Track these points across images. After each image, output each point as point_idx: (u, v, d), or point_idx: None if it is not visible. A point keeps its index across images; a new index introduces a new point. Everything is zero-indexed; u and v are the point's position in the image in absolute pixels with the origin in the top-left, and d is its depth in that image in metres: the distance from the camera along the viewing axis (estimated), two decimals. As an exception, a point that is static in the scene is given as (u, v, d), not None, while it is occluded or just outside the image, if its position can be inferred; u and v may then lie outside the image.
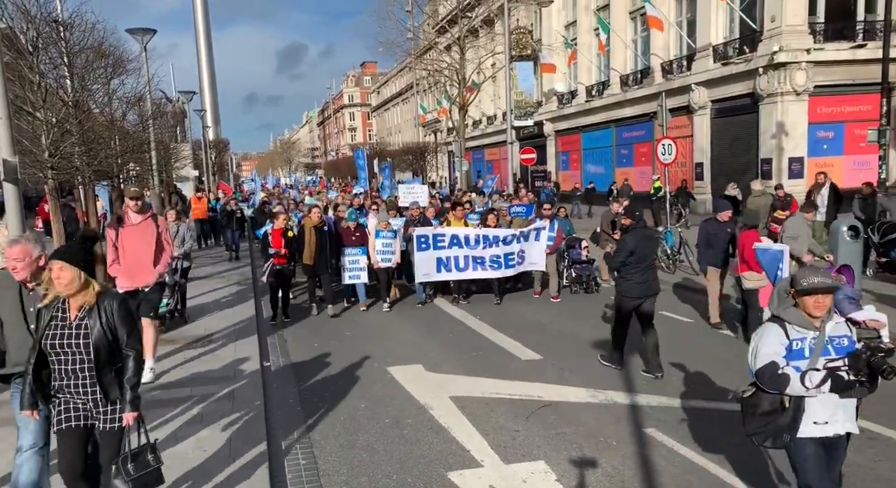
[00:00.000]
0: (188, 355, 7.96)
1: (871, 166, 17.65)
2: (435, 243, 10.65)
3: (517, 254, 10.86)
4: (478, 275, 10.93)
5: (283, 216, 10.24)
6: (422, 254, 10.58)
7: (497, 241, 10.78)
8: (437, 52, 39.83)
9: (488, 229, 11.03)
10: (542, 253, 10.96)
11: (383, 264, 10.61)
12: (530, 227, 10.98)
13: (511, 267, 10.89)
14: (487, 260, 10.78)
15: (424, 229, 10.88)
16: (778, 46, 19.89)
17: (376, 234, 10.60)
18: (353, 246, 10.57)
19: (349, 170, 72.67)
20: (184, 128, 38.40)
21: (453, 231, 10.89)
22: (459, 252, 10.71)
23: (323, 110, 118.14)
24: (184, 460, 4.97)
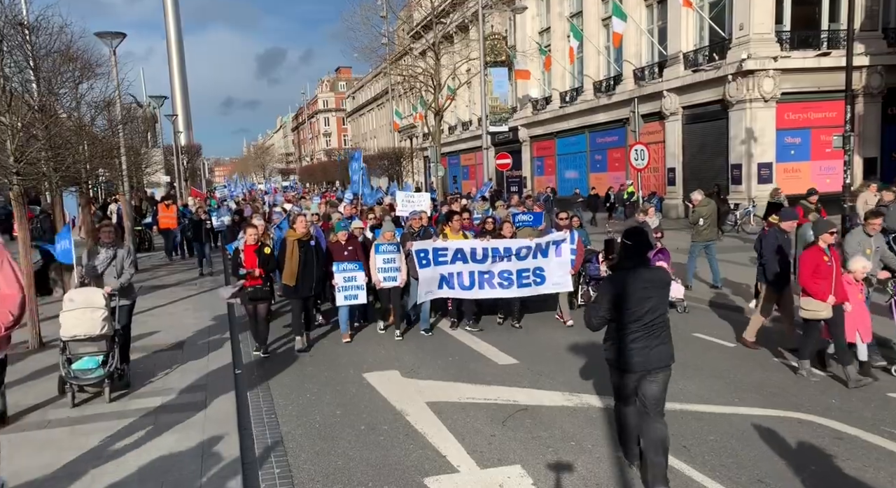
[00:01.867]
0: (158, 363, 7.82)
1: (837, 171, 18.11)
2: (436, 259, 9.15)
3: (533, 272, 9.32)
4: (486, 294, 9.39)
5: (255, 228, 8.46)
6: (423, 272, 9.08)
7: (508, 255, 9.30)
8: (412, 58, 39.87)
9: (498, 240, 9.48)
10: (566, 270, 9.42)
11: (387, 284, 9.09)
12: (547, 239, 9.46)
13: (525, 285, 9.31)
14: (496, 276, 9.27)
15: (424, 243, 9.30)
16: (746, 54, 20.33)
17: (376, 249, 9.07)
18: (347, 261, 8.99)
19: (324, 175, 72.42)
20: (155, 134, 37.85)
21: (457, 244, 9.32)
22: (464, 268, 9.22)
23: (297, 115, 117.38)
24: (154, 470, 4.88)
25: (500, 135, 38.01)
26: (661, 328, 4.53)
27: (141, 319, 10.38)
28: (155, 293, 12.91)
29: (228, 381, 7.04)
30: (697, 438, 5.45)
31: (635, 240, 4.57)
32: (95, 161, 12.62)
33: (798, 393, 6.46)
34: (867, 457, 5.01)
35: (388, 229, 9.35)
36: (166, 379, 7.21)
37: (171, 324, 9.95)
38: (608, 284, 4.69)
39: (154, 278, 14.81)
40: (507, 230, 9.80)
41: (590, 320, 4.64)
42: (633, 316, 4.45)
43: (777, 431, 5.51)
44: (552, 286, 9.43)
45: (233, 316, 10.70)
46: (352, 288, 8.93)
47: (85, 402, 6.50)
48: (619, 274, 4.62)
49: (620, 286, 4.50)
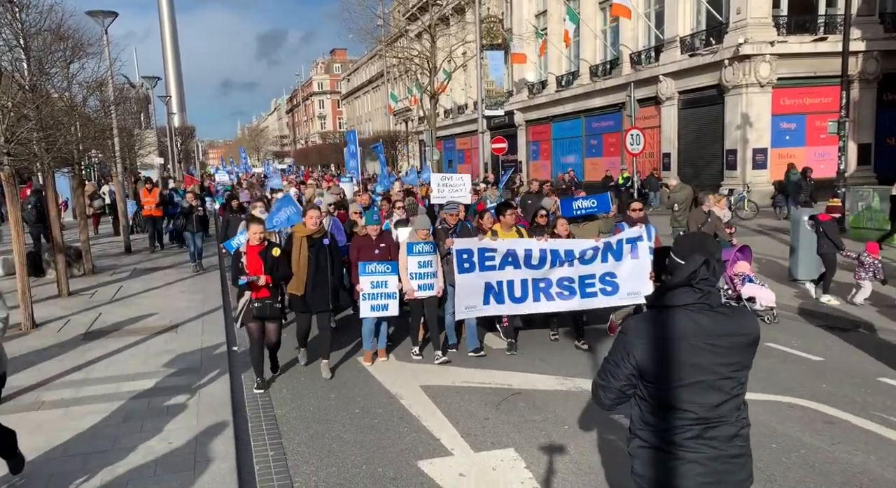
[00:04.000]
0: (153, 346, 7.82)
1: (832, 157, 18.12)
2: (482, 262, 7.26)
3: (601, 278, 7.49)
4: (541, 307, 7.49)
5: (259, 225, 6.55)
6: (464, 279, 7.19)
7: (570, 258, 7.44)
8: (407, 40, 39.55)
9: (558, 241, 7.59)
10: (645, 276, 7.38)
11: (422, 293, 7.24)
12: (620, 237, 7.58)
13: (591, 295, 7.49)
14: (555, 284, 7.45)
15: (467, 241, 7.32)
16: (743, 39, 20.22)
17: (408, 249, 7.23)
18: (377, 260, 7.14)
19: (319, 158, 72.09)
20: (148, 115, 37.52)
21: (508, 244, 7.39)
22: (516, 274, 7.35)
23: (292, 98, 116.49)
24: (149, 452, 4.89)
25: (496, 119, 37.84)
26: (736, 421, 2.51)
27: (135, 301, 10.40)
28: (149, 275, 12.87)
29: (223, 364, 7.04)
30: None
31: (695, 258, 2.49)
32: (88, 142, 12.54)
33: (789, 377, 6.52)
34: (857, 441, 5.07)
35: (422, 225, 7.38)
36: (160, 361, 7.20)
37: (165, 307, 9.93)
38: (637, 330, 2.54)
39: (147, 260, 14.76)
40: (563, 228, 7.80)
41: (597, 392, 2.67)
42: (683, 397, 2.45)
43: (767, 415, 5.55)
44: (627, 296, 7.48)
45: (227, 298, 10.67)
46: (381, 296, 7.04)
47: (78, 384, 6.50)
48: (659, 313, 2.52)
49: (661, 338, 2.46)
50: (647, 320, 2.56)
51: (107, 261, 14.62)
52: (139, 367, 7.00)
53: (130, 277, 12.70)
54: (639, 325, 2.57)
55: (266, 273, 6.24)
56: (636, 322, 2.60)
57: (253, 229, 6.43)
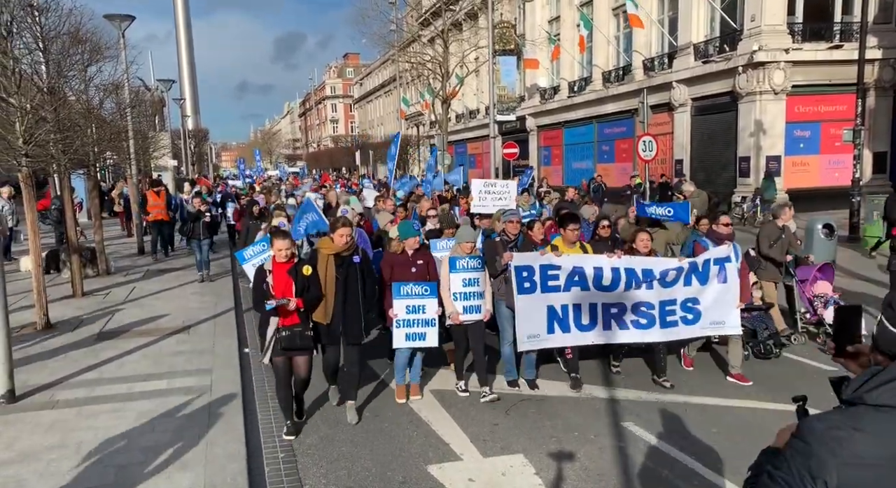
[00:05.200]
0: (165, 346, 7.88)
1: (846, 166, 17.97)
2: (544, 281, 6.21)
3: (682, 305, 6.43)
4: (613, 337, 6.44)
5: (286, 240, 5.50)
6: (525, 301, 6.17)
7: (649, 279, 6.35)
8: (420, 45, 39.69)
9: (634, 258, 6.46)
10: (733, 304, 6.48)
11: (467, 316, 6.20)
12: (705, 256, 6.52)
13: (671, 325, 6.42)
14: (630, 310, 6.38)
15: (527, 257, 6.25)
16: (757, 46, 20.12)
17: (451, 265, 6.24)
18: (415, 280, 6.11)
19: (330, 161, 72.37)
20: (162, 117, 37.88)
21: (574, 260, 6.33)
22: (584, 297, 6.30)
23: (304, 101, 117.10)
24: (160, 452, 4.93)
25: (508, 124, 37.84)
26: None
27: (147, 303, 10.48)
28: (162, 276, 12.97)
29: (234, 365, 7.09)
30: (700, 430, 5.46)
31: None
32: (103, 144, 12.66)
33: (804, 387, 6.42)
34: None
35: (466, 237, 6.33)
36: (173, 362, 7.26)
37: (177, 308, 10.00)
38: (831, 442, 1.58)
39: (161, 261, 14.86)
40: (643, 243, 6.58)
41: None
42: None
43: (778, 423, 5.47)
44: (710, 326, 6.49)
45: (239, 299, 10.74)
46: (418, 323, 6.01)
47: (92, 383, 6.57)
48: (868, 416, 1.58)
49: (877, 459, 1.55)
50: (847, 426, 1.58)
51: (121, 261, 14.76)
52: (151, 368, 7.06)
53: (144, 278, 12.81)
54: (833, 434, 1.58)
55: (297, 295, 5.28)
56: (826, 425, 1.62)
57: (279, 244, 5.39)
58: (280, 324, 5.30)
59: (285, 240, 5.45)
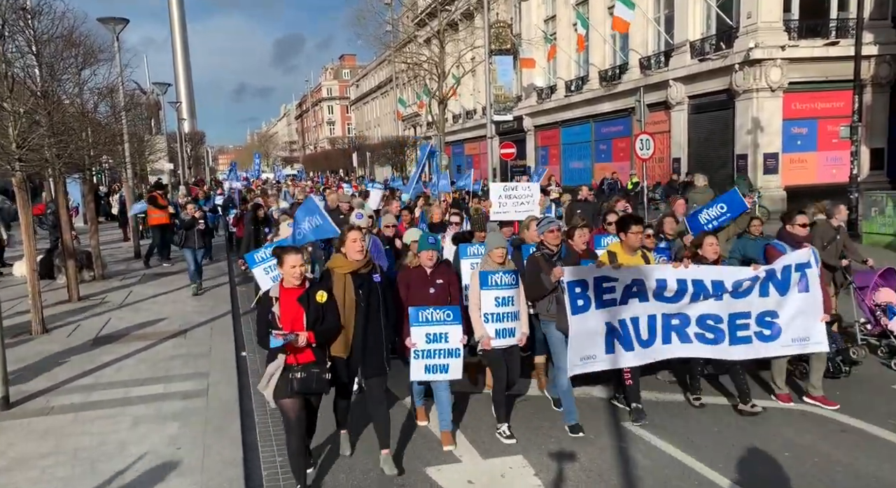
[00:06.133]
0: (162, 351, 7.82)
1: (844, 162, 17.96)
2: (599, 296, 5.41)
3: (757, 319, 5.67)
4: (673, 351, 5.67)
5: (297, 255, 4.48)
6: (580, 321, 5.34)
7: (719, 291, 5.60)
8: (416, 46, 39.65)
9: (702, 268, 5.68)
10: (817, 317, 5.71)
11: (501, 341, 5.40)
12: (784, 262, 5.70)
13: (743, 341, 5.66)
14: (694, 323, 5.64)
15: (580, 271, 5.41)
16: (754, 43, 20.11)
17: (482, 281, 5.39)
18: (433, 304, 5.21)
19: (327, 163, 72.32)
20: (158, 121, 37.81)
21: (633, 273, 5.53)
22: (642, 309, 5.57)
23: (301, 103, 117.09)
24: (157, 457, 4.88)
25: (505, 124, 37.82)
26: None
27: (144, 307, 10.43)
28: (158, 280, 12.92)
29: (231, 370, 7.03)
30: (702, 430, 5.42)
31: None
32: (98, 147, 12.58)
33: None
34: (871, 450, 4.98)
35: (497, 241, 5.51)
36: (169, 366, 7.21)
37: (174, 312, 9.95)
38: None
39: (156, 265, 14.79)
40: (712, 248, 5.89)
41: None
42: None
43: (780, 423, 5.48)
44: (791, 344, 5.69)
45: (236, 304, 10.68)
46: (440, 353, 5.12)
47: (88, 389, 6.51)
48: None
49: None
50: None
51: (117, 266, 14.69)
52: (148, 372, 7.00)
53: (140, 282, 12.75)
54: None
55: (309, 327, 4.33)
56: None
57: (290, 261, 4.37)
58: (289, 361, 4.31)
59: (297, 256, 4.42)
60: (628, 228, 5.73)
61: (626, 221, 5.90)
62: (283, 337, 4.17)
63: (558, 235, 5.71)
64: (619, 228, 5.92)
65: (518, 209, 7.94)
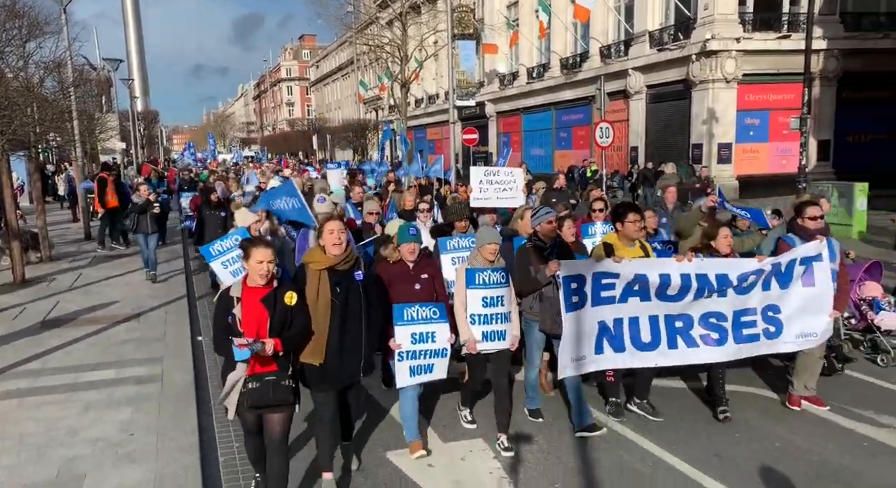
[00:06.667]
0: (114, 335, 7.61)
1: (793, 153, 18.55)
2: (596, 293, 5.03)
3: (763, 315, 5.34)
4: (680, 357, 5.26)
5: (266, 249, 3.83)
6: (574, 319, 4.96)
7: (724, 286, 5.21)
8: (378, 28, 39.15)
9: (706, 261, 5.23)
10: (824, 312, 5.37)
11: (488, 345, 4.93)
12: (791, 256, 5.33)
13: (750, 339, 5.31)
14: (697, 323, 5.25)
15: (577, 265, 5.09)
16: (710, 34, 20.51)
17: (469, 279, 4.91)
18: (418, 301, 4.77)
19: (286, 145, 71.06)
20: (109, 98, 36.47)
21: (636, 267, 5.09)
22: (642, 309, 5.17)
23: (259, 84, 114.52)
24: (109, 444, 4.76)
25: (467, 109, 37.76)
26: None
27: (95, 290, 10.12)
28: (110, 263, 12.54)
29: (187, 354, 6.89)
30: (661, 412, 5.55)
31: None
32: (45, 124, 12.08)
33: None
34: (816, 429, 5.20)
35: (490, 237, 4.99)
36: (121, 350, 7.02)
37: (127, 295, 9.68)
38: None
39: (106, 248, 14.33)
40: (726, 240, 5.44)
41: None
42: None
43: (735, 405, 5.55)
44: (795, 340, 5.36)
45: (192, 287, 10.44)
46: (426, 354, 4.72)
47: (34, 373, 6.29)
48: None
49: None
50: None
51: (66, 247, 14.18)
52: (99, 357, 6.81)
53: (91, 265, 12.35)
54: None
55: (274, 334, 3.77)
56: None
57: (258, 255, 3.78)
58: (249, 371, 3.76)
59: (267, 251, 3.80)
60: (625, 217, 5.28)
61: (622, 210, 5.42)
62: (248, 346, 3.59)
63: (554, 227, 5.34)
64: (615, 217, 5.45)
65: (500, 195, 7.50)
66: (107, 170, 15.68)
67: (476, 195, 7.62)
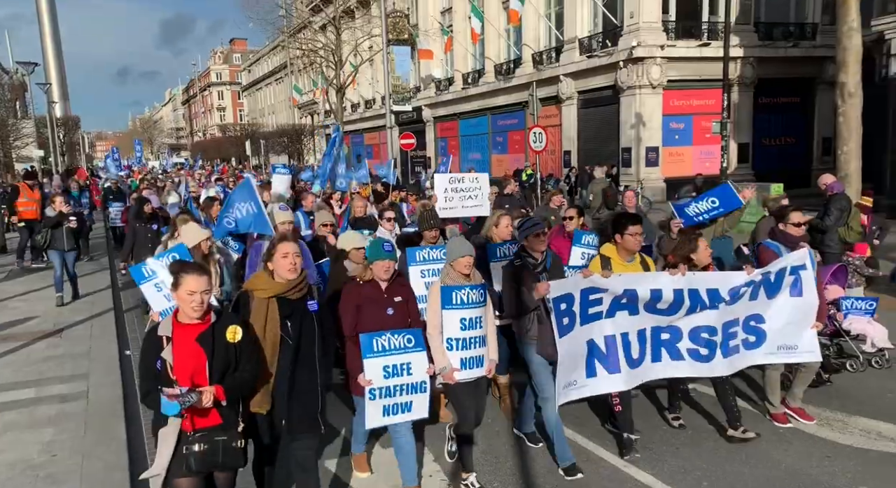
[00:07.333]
0: (34, 352, 7.22)
1: (715, 156, 19.48)
2: (584, 309, 4.59)
3: (744, 325, 4.97)
4: (662, 371, 4.89)
5: (198, 275, 3.22)
6: (567, 342, 4.52)
7: (716, 302, 4.87)
8: (311, 32, 38.66)
9: (697, 275, 4.87)
10: (807, 324, 5.02)
11: (466, 373, 4.33)
12: (780, 264, 5.00)
13: (733, 352, 4.93)
14: (686, 337, 4.88)
15: (565, 284, 4.58)
16: (636, 42, 21.31)
17: (445, 298, 4.29)
18: (391, 328, 4.13)
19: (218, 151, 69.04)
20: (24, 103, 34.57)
21: (626, 282, 4.66)
22: (632, 323, 4.77)
23: (188, 88, 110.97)
24: (28, 466, 4.53)
25: (404, 114, 37.82)
26: None
27: (11, 305, 9.59)
28: (28, 277, 11.87)
29: (114, 370, 6.62)
30: (595, 409, 5.70)
31: None
32: (-48, 131, 11.34)
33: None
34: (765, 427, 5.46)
35: (463, 249, 4.35)
36: (41, 368, 6.67)
37: (48, 310, 9.20)
38: None
39: (26, 262, 13.55)
40: (705, 253, 5.07)
41: None
42: None
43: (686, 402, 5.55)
44: (777, 351, 5.00)
45: (119, 300, 10.02)
46: (403, 389, 4.09)
47: (-55, 398, 5.90)
48: None
49: None
50: None
51: (-22, 262, 13.35)
52: (16, 376, 6.45)
53: (6, 279, 11.68)
54: None
55: (215, 379, 3.18)
56: None
57: (189, 284, 3.17)
58: (185, 426, 3.16)
59: (202, 279, 3.20)
60: (624, 229, 4.74)
61: (621, 220, 4.85)
62: (179, 398, 2.97)
63: (544, 240, 4.77)
64: (614, 229, 4.88)
65: (465, 203, 6.94)
66: (29, 179, 14.52)
67: (442, 204, 6.92)
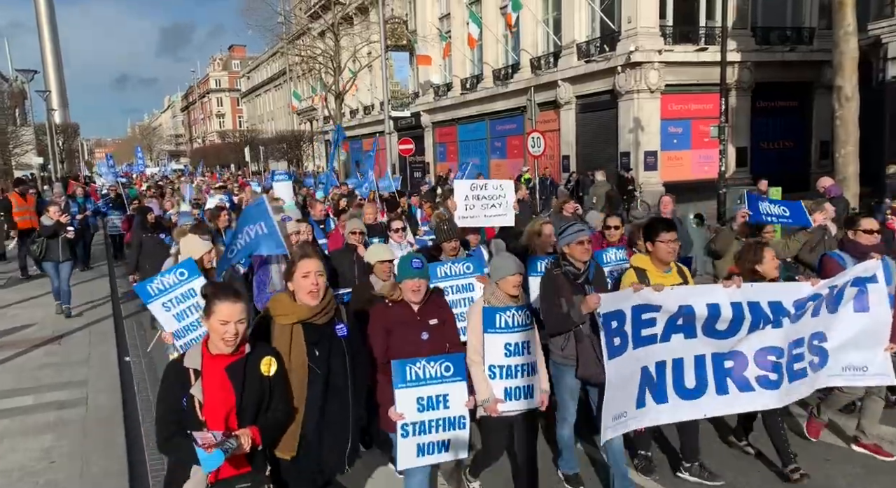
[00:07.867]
0: (32, 359, 7.21)
1: (714, 160, 19.51)
2: (636, 331, 3.96)
3: (809, 345, 4.38)
4: (732, 405, 4.25)
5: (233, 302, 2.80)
6: (617, 365, 3.86)
7: (780, 314, 4.23)
8: (310, 38, 38.81)
9: (756, 286, 4.27)
10: (880, 342, 4.45)
11: (512, 405, 3.92)
12: (847, 277, 4.42)
13: (800, 376, 4.33)
14: (752, 363, 4.21)
15: (616, 298, 3.92)
16: (634, 46, 21.36)
17: (488, 320, 3.89)
18: (427, 354, 3.64)
19: (217, 158, 69.09)
20: (24, 111, 34.66)
21: (680, 296, 4.04)
22: (687, 348, 4.12)
23: (187, 95, 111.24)
24: (25, 473, 4.51)
25: (403, 120, 37.87)
26: None
27: (9, 313, 9.59)
28: (27, 284, 11.87)
29: (113, 376, 6.62)
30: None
31: None
32: (-49, 139, 11.36)
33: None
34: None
35: (510, 268, 3.92)
36: (41, 375, 6.66)
37: (47, 317, 9.20)
38: None
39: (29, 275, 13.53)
40: (774, 263, 4.54)
41: None
42: None
43: None
44: (845, 373, 4.46)
45: (118, 307, 10.02)
46: (440, 425, 3.59)
47: (-57, 405, 5.89)
48: None
49: None
50: None
51: (-23, 269, 13.34)
52: (15, 383, 6.45)
53: (5, 286, 11.68)
54: None
55: (247, 419, 2.79)
56: None
57: (224, 312, 2.78)
58: (212, 477, 2.73)
59: (235, 307, 2.79)
60: (657, 236, 4.28)
61: (654, 226, 4.40)
62: (219, 446, 2.49)
63: (588, 249, 4.25)
64: (646, 236, 4.42)
65: (487, 212, 6.43)
66: (19, 185, 14.29)
67: (462, 213, 6.36)
